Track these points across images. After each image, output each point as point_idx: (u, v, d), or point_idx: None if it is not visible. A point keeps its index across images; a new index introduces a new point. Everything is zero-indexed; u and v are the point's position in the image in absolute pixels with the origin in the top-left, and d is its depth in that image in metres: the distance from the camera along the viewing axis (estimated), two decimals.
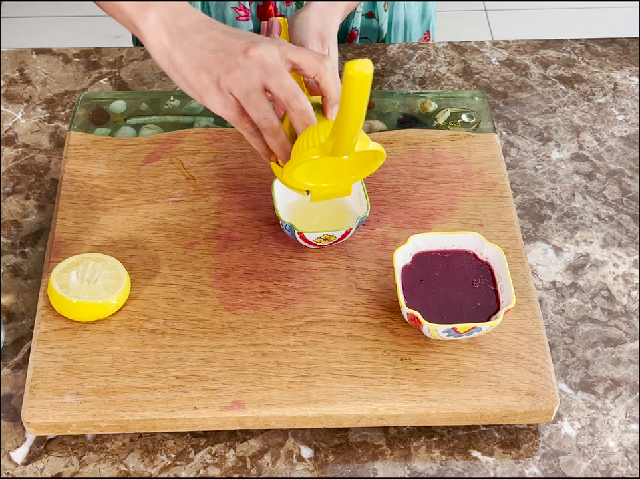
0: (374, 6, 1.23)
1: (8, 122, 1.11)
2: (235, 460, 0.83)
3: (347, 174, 0.87)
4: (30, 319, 0.92)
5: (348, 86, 0.72)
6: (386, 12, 1.24)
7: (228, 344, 0.87)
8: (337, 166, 0.86)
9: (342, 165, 0.86)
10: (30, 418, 0.82)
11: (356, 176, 0.87)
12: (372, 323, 0.88)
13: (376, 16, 1.24)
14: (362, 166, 0.86)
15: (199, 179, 1.00)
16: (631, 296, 0.95)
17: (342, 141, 0.78)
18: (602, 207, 1.03)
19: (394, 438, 0.85)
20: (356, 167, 0.87)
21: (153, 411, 0.82)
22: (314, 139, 0.80)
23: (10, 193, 1.03)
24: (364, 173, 0.87)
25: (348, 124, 0.76)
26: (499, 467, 0.83)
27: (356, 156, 0.84)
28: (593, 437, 0.85)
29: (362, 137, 0.81)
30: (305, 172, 0.85)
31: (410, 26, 1.29)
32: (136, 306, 0.90)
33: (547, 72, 1.19)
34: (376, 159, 0.85)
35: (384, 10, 1.23)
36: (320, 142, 0.80)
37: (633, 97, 1.16)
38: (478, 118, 1.08)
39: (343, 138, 0.78)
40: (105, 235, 0.95)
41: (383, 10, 1.23)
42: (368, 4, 1.23)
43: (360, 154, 0.83)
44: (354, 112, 0.74)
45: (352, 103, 0.73)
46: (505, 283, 0.87)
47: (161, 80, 1.16)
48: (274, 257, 0.94)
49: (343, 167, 0.86)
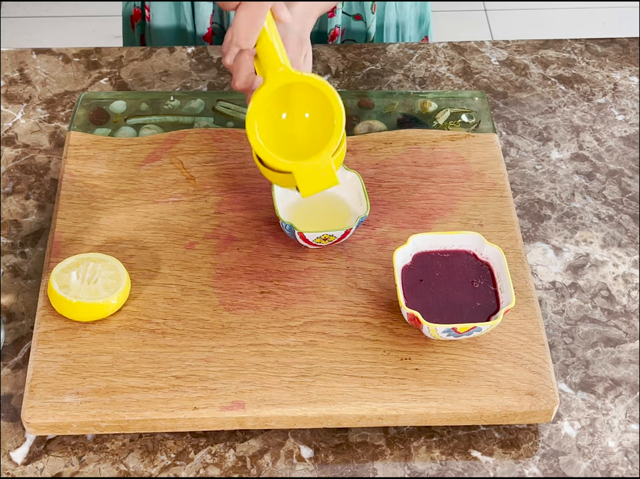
0: (362, 9, 1.23)
1: (8, 122, 1.11)
2: (235, 460, 0.83)
3: (315, 143, 0.85)
4: (30, 318, 0.92)
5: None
6: (374, 15, 1.23)
7: (228, 344, 0.87)
8: (300, 132, 0.86)
9: (303, 131, 0.86)
10: (30, 418, 0.82)
11: (328, 147, 0.85)
12: (372, 323, 0.88)
13: (364, 19, 1.24)
14: (324, 130, 0.85)
15: (199, 179, 1.00)
16: (630, 296, 0.95)
17: (266, 59, 0.83)
18: (602, 207, 1.03)
19: (394, 438, 0.85)
20: (319, 131, 0.85)
21: (153, 411, 0.82)
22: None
23: (10, 193, 1.03)
24: (332, 141, 0.85)
25: (265, 45, 0.83)
26: (499, 467, 0.83)
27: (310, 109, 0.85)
28: (593, 437, 0.85)
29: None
30: (272, 143, 0.85)
31: (402, 29, 1.29)
32: (136, 306, 0.90)
33: (547, 72, 1.19)
34: (335, 118, 0.84)
35: (371, 13, 1.23)
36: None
37: (632, 97, 1.16)
38: (477, 118, 1.08)
39: (266, 61, 0.84)
40: (105, 235, 0.95)
41: (371, 12, 1.23)
42: (356, 5, 1.23)
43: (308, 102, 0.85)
44: (266, 34, 0.83)
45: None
46: (505, 283, 0.87)
47: (161, 80, 1.16)
48: (274, 257, 0.94)
49: (307, 134, 0.86)
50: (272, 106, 0.85)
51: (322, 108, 0.85)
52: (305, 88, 0.84)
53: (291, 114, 0.87)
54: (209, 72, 1.17)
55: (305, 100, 0.85)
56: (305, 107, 0.86)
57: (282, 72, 0.83)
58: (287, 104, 0.86)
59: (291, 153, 0.85)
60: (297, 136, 0.87)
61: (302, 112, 0.87)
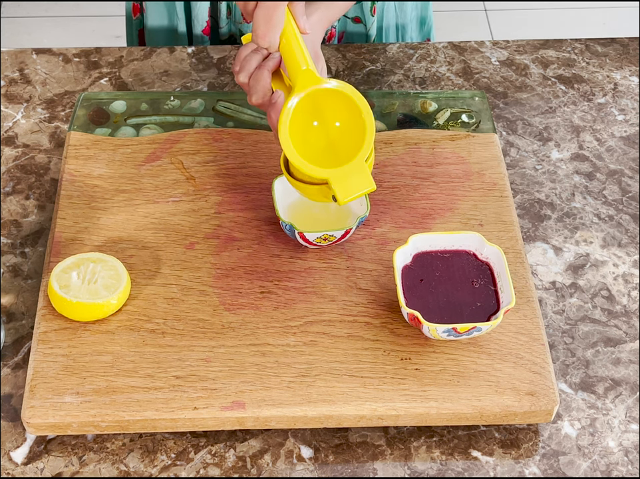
0: (362, 11, 1.23)
1: (8, 122, 1.11)
2: (235, 459, 0.83)
3: (346, 150, 0.85)
4: (30, 318, 0.92)
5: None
6: (373, 18, 1.23)
7: (228, 344, 0.87)
8: (331, 139, 0.86)
9: (332, 139, 0.86)
10: (30, 418, 0.82)
11: (362, 151, 0.85)
12: (372, 323, 0.88)
13: (364, 21, 1.24)
14: (353, 136, 0.85)
15: (199, 179, 1.00)
16: (630, 296, 0.95)
17: (292, 68, 0.84)
18: (602, 207, 1.03)
19: (394, 438, 0.85)
20: (348, 137, 0.86)
21: (153, 411, 0.82)
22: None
23: (10, 193, 1.03)
24: (365, 144, 0.85)
25: (289, 49, 0.85)
26: (499, 467, 0.83)
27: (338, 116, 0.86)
28: (593, 437, 0.85)
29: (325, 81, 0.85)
30: (304, 154, 0.85)
31: (403, 31, 1.29)
32: (136, 306, 0.90)
33: (547, 72, 1.19)
34: (365, 126, 0.84)
35: (371, 15, 1.23)
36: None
37: (632, 97, 1.16)
38: (477, 118, 1.08)
39: (291, 63, 0.85)
40: (105, 235, 0.95)
41: (370, 15, 1.23)
42: (355, 8, 1.23)
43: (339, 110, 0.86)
44: (289, 36, 0.84)
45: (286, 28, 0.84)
46: (505, 283, 0.87)
47: (161, 80, 1.16)
48: (274, 257, 0.94)
49: (336, 141, 0.86)
50: (301, 116, 0.85)
51: (350, 114, 0.85)
52: (333, 96, 0.85)
53: (321, 123, 0.87)
54: (209, 72, 1.17)
55: (334, 108, 0.86)
56: (335, 115, 0.86)
57: (306, 71, 0.83)
58: (316, 113, 0.86)
59: (323, 161, 0.85)
60: (328, 144, 0.87)
61: (332, 120, 0.87)
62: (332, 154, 0.86)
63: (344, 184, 0.84)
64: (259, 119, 1.08)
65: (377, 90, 1.14)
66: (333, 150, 0.86)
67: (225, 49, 1.20)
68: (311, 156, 0.85)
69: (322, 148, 0.86)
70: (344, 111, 0.85)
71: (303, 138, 0.85)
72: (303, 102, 0.84)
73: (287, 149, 0.84)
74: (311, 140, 0.86)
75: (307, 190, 0.89)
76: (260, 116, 1.08)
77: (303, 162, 0.84)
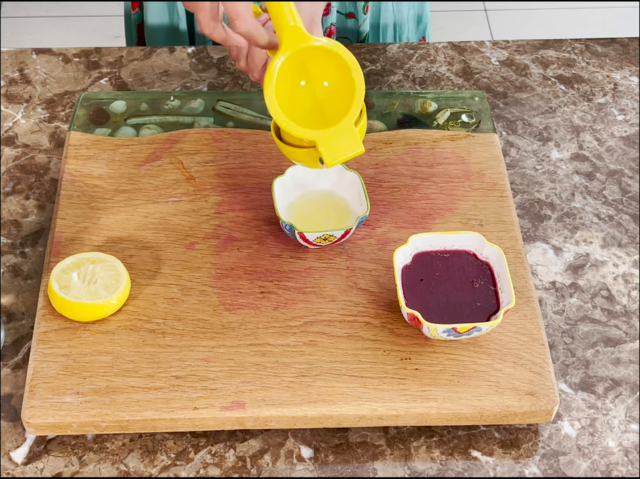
0: (355, 7, 1.24)
1: (9, 122, 1.11)
2: (235, 460, 0.83)
3: (336, 112, 0.83)
4: (30, 318, 0.92)
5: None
6: (366, 15, 1.24)
7: (228, 344, 0.87)
8: (319, 101, 0.84)
9: (323, 100, 0.84)
10: (30, 418, 0.82)
11: (351, 113, 0.83)
12: (372, 323, 0.88)
13: (356, 17, 1.24)
14: (344, 98, 0.83)
15: (199, 179, 1.00)
16: (630, 296, 0.95)
17: (279, 24, 0.81)
18: (602, 207, 1.03)
19: (394, 438, 0.85)
20: (339, 99, 0.83)
21: (153, 411, 0.82)
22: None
23: (10, 193, 1.03)
24: (354, 106, 0.83)
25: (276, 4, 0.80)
26: (499, 467, 0.83)
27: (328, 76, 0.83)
28: (593, 437, 0.85)
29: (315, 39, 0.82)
30: (291, 114, 0.82)
31: (400, 30, 1.29)
32: (136, 306, 0.90)
33: (547, 72, 1.19)
34: (355, 86, 0.82)
35: (363, 13, 1.23)
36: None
37: (632, 97, 1.16)
38: (477, 118, 1.08)
39: (278, 19, 0.80)
40: (105, 235, 0.95)
41: (363, 12, 1.23)
42: (349, 4, 1.23)
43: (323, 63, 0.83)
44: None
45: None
46: (505, 283, 0.87)
47: (161, 80, 1.16)
48: (274, 257, 0.94)
49: (326, 102, 0.84)
50: (289, 75, 0.82)
51: (340, 74, 0.82)
52: (322, 54, 0.82)
53: (309, 82, 0.84)
54: (209, 72, 1.17)
55: (323, 67, 0.83)
56: (323, 74, 0.83)
57: (293, 28, 0.80)
58: (304, 72, 0.83)
59: (311, 122, 0.82)
60: (317, 105, 0.84)
61: (320, 79, 0.84)
62: (320, 115, 0.84)
63: (332, 146, 0.82)
64: (259, 119, 1.08)
65: (377, 90, 1.14)
66: (321, 110, 0.84)
67: (225, 49, 1.20)
68: (298, 116, 0.82)
69: (310, 108, 0.84)
70: (333, 70, 0.83)
71: (290, 98, 0.83)
72: (290, 60, 0.81)
73: (272, 109, 0.81)
74: (298, 100, 0.84)
75: (295, 154, 0.87)
76: (260, 116, 1.08)
77: (288, 123, 0.82)
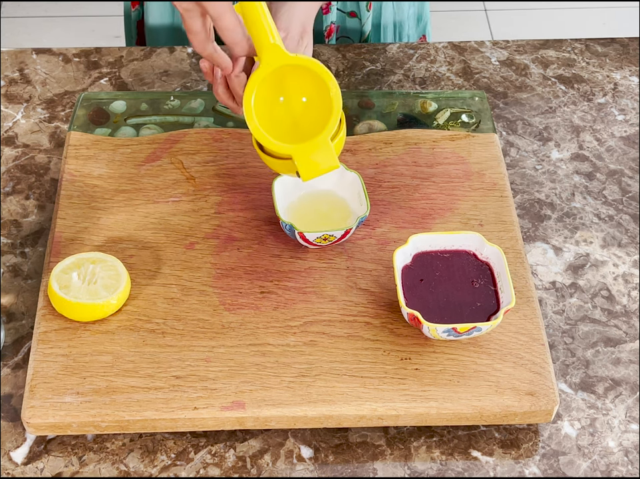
0: (357, 6, 1.24)
1: (9, 122, 1.11)
2: (235, 460, 0.83)
3: (314, 127, 0.85)
4: (30, 318, 0.92)
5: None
6: (369, 13, 1.24)
7: (228, 344, 0.87)
8: (298, 117, 0.86)
9: (302, 115, 0.86)
10: (30, 418, 0.82)
11: (326, 129, 0.84)
12: (372, 323, 0.88)
13: (359, 16, 1.24)
14: (322, 114, 0.84)
15: (199, 179, 1.00)
16: (630, 296, 0.95)
17: (258, 42, 0.82)
18: (602, 207, 1.03)
19: (394, 438, 0.85)
20: (317, 115, 0.85)
21: (153, 411, 0.82)
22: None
23: (10, 193, 1.03)
24: (330, 122, 0.84)
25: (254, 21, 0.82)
26: (499, 467, 0.83)
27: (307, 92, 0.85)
28: (593, 437, 0.85)
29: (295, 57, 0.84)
30: (270, 128, 0.84)
31: (400, 28, 1.29)
32: (136, 306, 0.90)
33: (547, 72, 1.19)
34: (332, 103, 0.84)
35: (366, 11, 1.23)
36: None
37: (632, 97, 1.16)
38: (478, 118, 1.08)
39: (257, 37, 0.82)
40: (105, 235, 0.95)
41: (366, 10, 1.23)
42: (351, 3, 1.23)
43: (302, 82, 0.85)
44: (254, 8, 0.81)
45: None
46: (505, 283, 0.87)
47: (161, 80, 1.16)
48: (274, 257, 0.94)
49: (305, 118, 0.86)
50: (268, 91, 0.84)
51: (318, 91, 0.84)
52: (301, 72, 0.84)
53: (288, 98, 0.86)
54: None
55: (301, 84, 0.85)
56: (302, 91, 0.85)
57: (273, 46, 0.82)
58: (283, 89, 0.85)
59: (290, 137, 0.84)
60: (295, 120, 0.86)
61: (299, 96, 0.86)
62: (298, 130, 0.86)
63: (308, 161, 0.84)
64: None
65: (377, 90, 1.14)
66: (300, 125, 0.86)
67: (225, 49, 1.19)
68: (277, 131, 0.84)
69: (288, 123, 0.86)
70: (311, 87, 0.84)
71: (270, 113, 0.84)
72: (269, 77, 0.83)
73: (250, 123, 0.83)
74: (277, 115, 0.85)
75: (274, 164, 0.89)
76: None
77: (266, 137, 0.83)
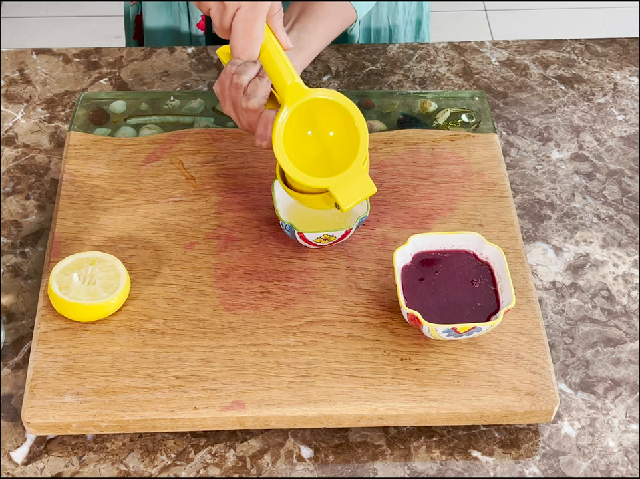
0: None
1: (9, 122, 1.11)
2: (235, 460, 0.83)
3: (340, 157, 0.86)
4: (30, 318, 0.92)
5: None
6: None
7: (228, 344, 0.87)
8: (325, 147, 0.87)
9: (329, 146, 0.87)
10: (30, 418, 0.82)
11: (358, 156, 0.85)
12: (372, 323, 0.88)
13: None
14: (349, 142, 0.85)
15: (199, 179, 1.00)
16: (630, 296, 0.95)
17: (278, 84, 0.84)
18: (602, 207, 1.03)
19: (394, 438, 0.85)
20: (345, 144, 0.86)
21: (153, 411, 0.82)
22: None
23: (10, 193, 1.03)
24: (360, 149, 0.85)
25: (272, 64, 0.85)
26: (499, 467, 0.83)
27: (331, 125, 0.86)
28: (593, 437, 0.85)
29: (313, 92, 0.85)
30: (300, 165, 0.85)
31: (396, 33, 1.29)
32: (136, 306, 0.90)
33: (547, 72, 1.19)
34: (358, 132, 0.85)
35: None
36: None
37: (632, 97, 1.16)
38: (477, 118, 1.08)
39: (276, 79, 0.85)
40: (105, 235, 0.95)
41: None
42: None
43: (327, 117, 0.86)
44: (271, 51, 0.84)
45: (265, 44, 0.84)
46: (505, 283, 0.87)
47: (161, 80, 1.16)
48: (274, 257, 0.94)
49: (332, 148, 0.87)
50: (293, 128, 0.85)
51: (343, 121, 0.85)
52: (324, 105, 0.85)
53: (315, 132, 0.87)
54: (209, 72, 1.17)
55: (326, 116, 0.86)
56: (328, 122, 0.87)
57: (290, 87, 0.84)
58: (308, 123, 0.86)
59: (319, 170, 0.85)
60: (323, 152, 0.87)
61: (324, 128, 0.87)
62: (327, 162, 0.87)
63: (346, 190, 0.85)
64: None
65: (377, 90, 1.14)
66: (328, 158, 0.87)
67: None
68: (306, 165, 0.85)
69: (316, 157, 0.87)
70: (335, 118, 0.86)
71: (297, 149, 0.86)
72: (294, 114, 0.85)
73: (284, 163, 0.84)
74: (305, 150, 0.87)
75: (308, 200, 0.90)
76: None
77: (302, 175, 0.85)
